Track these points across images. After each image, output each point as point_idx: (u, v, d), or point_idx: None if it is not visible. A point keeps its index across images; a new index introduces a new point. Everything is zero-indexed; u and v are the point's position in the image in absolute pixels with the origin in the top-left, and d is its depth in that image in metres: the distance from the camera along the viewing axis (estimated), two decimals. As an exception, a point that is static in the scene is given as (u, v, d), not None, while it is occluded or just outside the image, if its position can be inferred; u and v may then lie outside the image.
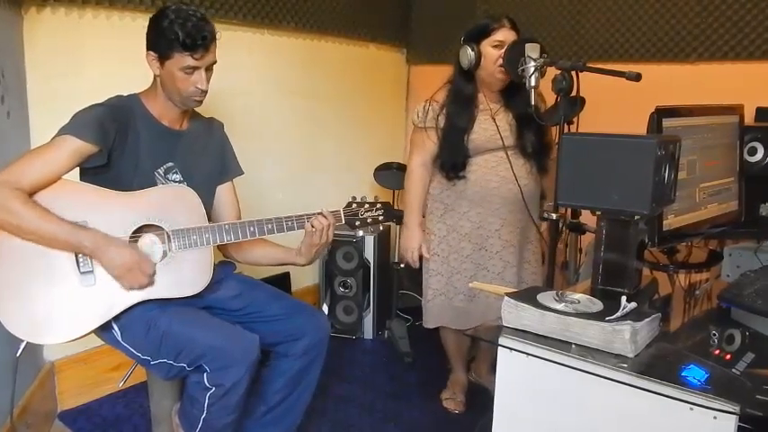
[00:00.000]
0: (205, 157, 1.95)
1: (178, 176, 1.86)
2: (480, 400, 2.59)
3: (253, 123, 3.00)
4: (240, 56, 2.89)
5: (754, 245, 1.90)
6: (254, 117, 3.02)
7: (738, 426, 1.05)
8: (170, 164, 1.84)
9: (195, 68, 1.74)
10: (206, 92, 1.80)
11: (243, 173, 2.05)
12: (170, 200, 1.78)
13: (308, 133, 3.33)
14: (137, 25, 2.42)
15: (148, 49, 1.76)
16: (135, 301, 1.70)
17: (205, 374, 1.66)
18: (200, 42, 1.71)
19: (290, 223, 1.83)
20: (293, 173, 3.28)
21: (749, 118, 2.22)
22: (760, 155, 2.04)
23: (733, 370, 1.20)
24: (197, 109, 1.97)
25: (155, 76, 1.82)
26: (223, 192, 2.00)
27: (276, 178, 3.17)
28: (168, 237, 1.74)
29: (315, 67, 3.30)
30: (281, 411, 1.92)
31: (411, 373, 2.91)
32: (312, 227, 1.83)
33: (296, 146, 3.29)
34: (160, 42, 1.72)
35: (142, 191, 1.75)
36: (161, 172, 1.83)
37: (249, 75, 2.98)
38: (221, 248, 1.96)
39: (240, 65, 2.89)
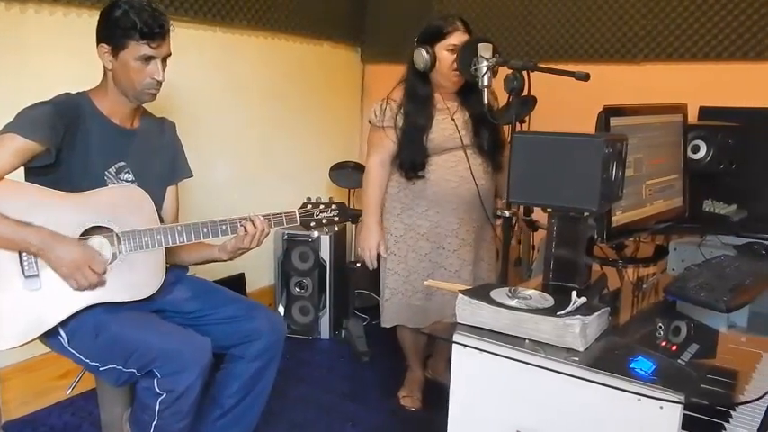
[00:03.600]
0: (157, 157, 1.91)
1: (130, 176, 1.81)
2: (437, 396, 2.60)
3: (205, 123, 2.95)
4: (191, 54, 2.84)
5: (698, 239, 1.96)
6: (207, 117, 2.97)
7: (684, 414, 1.08)
8: (121, 163, 1.80)
9: (151, 58, 1.71)
10: (161, 84, 1.77)
11: (192, 175, 2.02)
12: (121, 201, 1.74)
13: (262, 133, 3.30)
14: (83, 21, 2.35)
15: (100, 41, 1.72)
16: (83, 306, 1.65)
17: (156, 379, 1.62)
18: (158, 31, 1.69)
19: (243, 224, 1.81)
20: (247, 173, 3.24)
21: (692, 117, 2.30)
22: (703, 152, 2.11)
23: (679, 361, 1.24)
24: (149, 108, 1.93)
25: (105, 72, 1.77)
26: (168, 193, 1.96)
27: (229, 178, 3.12)
28: (118, 238, 1.70)
29: (268, 66, 3.27)
30: (236, 415, 1.89)
31: (368, 372, 2.91)
32: (245, 231, 1.80)
33: (249, 145, 3.25)
34: (114, 32, 1.68)
35: (91, 191, 1.70)
36: (112, 172, 1.78)
37: (201, 74, 2.93)
38: None
39: (191, 63, 2.84)
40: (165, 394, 1.63)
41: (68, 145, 1.69)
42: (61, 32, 2.34)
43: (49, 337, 1.67)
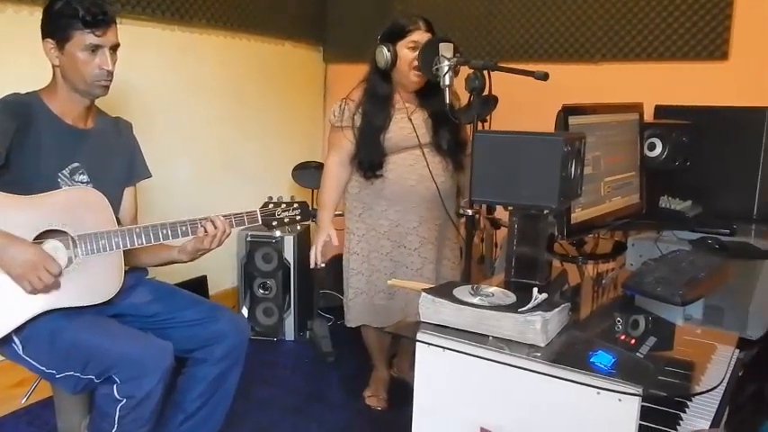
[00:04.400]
0: (113, 157, 1.87)
1: (85, 177, 1.77)
2: (403, 395, 2.61)
3: (163, 123, 2.90)
4: (149, 53, 2.79)
5: (655, 235, 2.01)
6: (165, 116, 2.92)
7: (642, 406, 1.10)
8: (75, 164, 1.76)
9: (98, 47, 1.68)
10: (112, 74, 1.73)
11: (151, 175, 1.98)
12: (76, 203, 1.69)
13: (222, 133, 3.26)
14: (35, 19, 2.27)
15: (45, 37, 1.68)
16: (38, 312, 1.60)
17: (115, 386, 1.59)
18: (102, 17, 1.65)
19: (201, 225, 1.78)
20: (208, 173, 3.19)
21: (648, 115, 2.35)
22: (658, 150, 2.16)
23: (637, 354, 1.27)
24: (103, 108, 1.89)
25: (54, 69, 1.73)
26: (126, 194, 1.92)
27: (189, 179, 3.08)
28: (74, 242, 1.65)
29: (229, 65, 3.23)
30: (199, 419, 1.86)
31: (334, 372, 2.90)
32: (206, 231, 1.77)
33: (210, 145, 3.20)
34: (58, 24, 1.65)
35: (45, 194, 1.65)
36: (66, 173, 1.74)
37: (159, 73, 2.88)
38: None
39: (149, 62, 2.79)
40: (125, 400, 1.60)
41: (19, 146, 1.64)
42: (11, 31, 2.27)
43: (2, 344, 1.62)
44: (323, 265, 2.38)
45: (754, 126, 2.24)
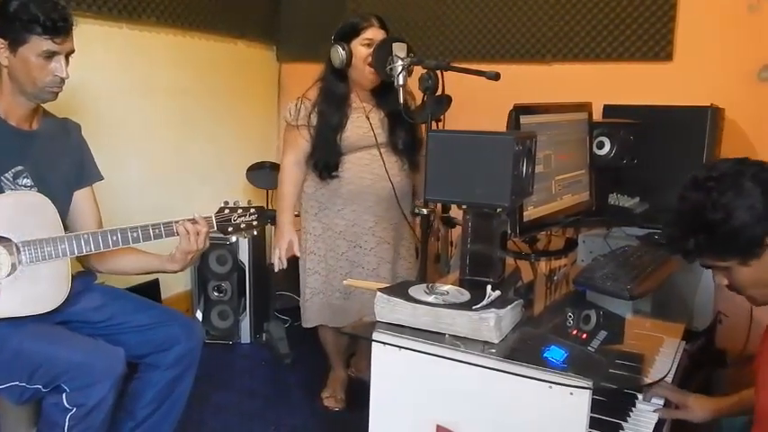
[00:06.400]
0: (60, 160, 1.80)
1: (29, 181, 1.71)
2: (361, 395, 2.60)
3: (113, 124, 2.82)
4: (97, 52, 2.71)
5: (605, 231, 2.06)
6: (114, 117, 2.84)
7: (594, 398, 1.13)
8: (19, 167, 1.69)
9: (54, 54, 1.62)
10: (64, 81, 1.67)
11: (103, 178, 1.93)
12: (19, 208, 1.63)
13: (174, 133, 3.19)
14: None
15: None
16: (-22, 321, 1.54)
17: (64, 395, 1.54)
18: (62, 25, 1.60)
19: (157, 231, 1.71)
20: (160, 175, 3.12)
21: (597, 114, 2.41)
22: (607, 148, 2.21)
23: (588, 348, 1.29)
24: (50, 109, 1.83)
25: (0, 69, 1.66)
26: (81, 198, 1.86)
27: (141, 181, 3.01)
28: (17, 248, 1.59)
29: (180, 64, 3.17)
30: (150, 426, 1.82)
31: (291, 374, 2.87)
32: (187, 232, 1.74)
33: (162, 147, 3.13)
34: (12, 26, 1.58)
35: (-16, 199, 1.59)
36: (8, 177, 1.67)
37: (107, 72, 2.80)
38: (80, 259, 1.83)
39: (97, 61, 2.71)
40: (74, 409, 1.55)
41: (-42, 149, 1.57)
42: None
43: (-59, 355, 1.55)
44: (284, 266, 2.37)
45: (698, 124, 2.31)
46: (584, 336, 1.35)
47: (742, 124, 2.63)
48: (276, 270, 2.36)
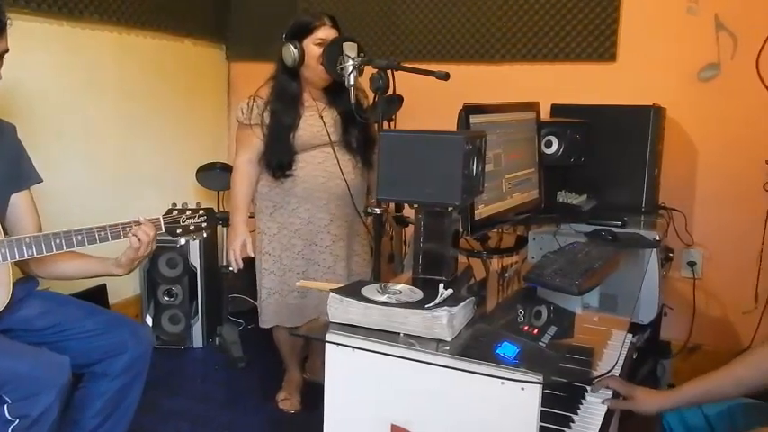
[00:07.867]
0: (-6, 163, 1.74)
1: (-38, 185, 1.64)
2: (316, 397, 2.59)
3: (53, 126, 2.73)
4: (35, 50, 2.61)
5: (554, 228, 2.10)
6: (55, 119, 2.75)
7: (546, 393, 1.15)
8: None
9: None
10: None
11: (42, 180, 1.86)
12: (-48, 212, 1.57)
13: (119, 134, 3.10)
14: None
15: None
16: None
17: (6, 406, 1.48)
18: None
19: (102, 234, 1.67)
20: (105, 177, 3.04)
21: (546, 114, 2.46)
22: (555, 147, 2.26)
23: (540, 343, 1.31)
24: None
25: None
26: (19, 201, 1.79)
27: (84, 183, 2.92)
28: (-49, 254, 1.53)
29: (125, 63, 3.09)
30: (100, 435, 1.77)
31: (245, 378, 2.84)
32: (138, 240, 1.70)
33: (105, 148, 3.04)
34: None
35: None
36: (-61, 181, 1.60)
37: (46, 71, 2.70)
38: (20, 264, 1.76)
39: (35, 60, 2.61)
40: (17, 421, 1.50)
41: None
42: None
43: None
44: (241, 267, 2.33)
45: (641, 124, 2.39)
46: (536, 331, 1.37)
47: (683, 123, 2.73)
48: (235, 271, 2.33)
